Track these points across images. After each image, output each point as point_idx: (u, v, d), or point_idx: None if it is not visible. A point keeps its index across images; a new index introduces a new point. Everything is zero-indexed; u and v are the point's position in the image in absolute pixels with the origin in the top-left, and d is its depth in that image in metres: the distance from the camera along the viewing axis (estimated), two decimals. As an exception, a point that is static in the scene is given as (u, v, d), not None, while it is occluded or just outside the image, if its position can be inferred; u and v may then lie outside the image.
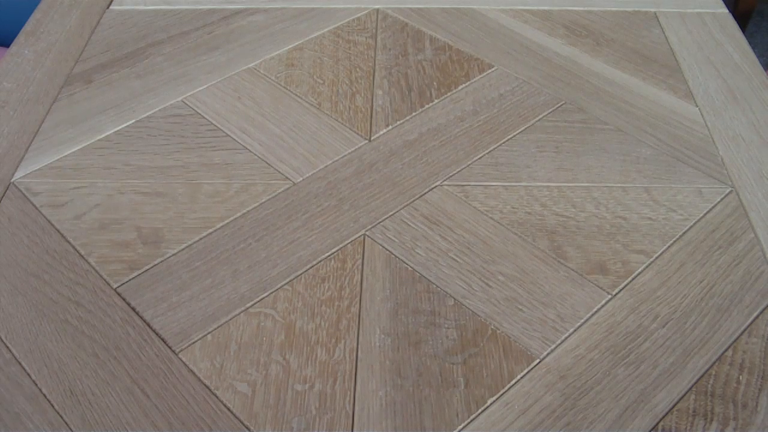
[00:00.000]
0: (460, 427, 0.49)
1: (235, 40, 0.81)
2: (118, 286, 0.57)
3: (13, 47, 0.81)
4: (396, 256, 0.59)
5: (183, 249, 0.60)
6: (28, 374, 0.52)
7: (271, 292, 0.57)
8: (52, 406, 0.50)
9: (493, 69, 0.77)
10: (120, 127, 0.71)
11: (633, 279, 0.57)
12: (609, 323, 0.55)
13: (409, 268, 0.58)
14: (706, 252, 0.59)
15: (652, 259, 0.59)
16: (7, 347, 0.53)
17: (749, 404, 0.50)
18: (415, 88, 0.75)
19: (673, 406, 0.50)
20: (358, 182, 0.65)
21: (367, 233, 0.61)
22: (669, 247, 0.60)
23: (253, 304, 0.56)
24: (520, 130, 0.70)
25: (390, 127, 0.70)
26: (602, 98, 0.74)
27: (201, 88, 0.75)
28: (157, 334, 0.54)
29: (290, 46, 0.80)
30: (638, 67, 0.77)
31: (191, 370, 0.52)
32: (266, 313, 0.55)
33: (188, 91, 0.75)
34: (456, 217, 0.62)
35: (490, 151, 0.68)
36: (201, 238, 0.60)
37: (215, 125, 0.71)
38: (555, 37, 0.81)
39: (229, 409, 0.50)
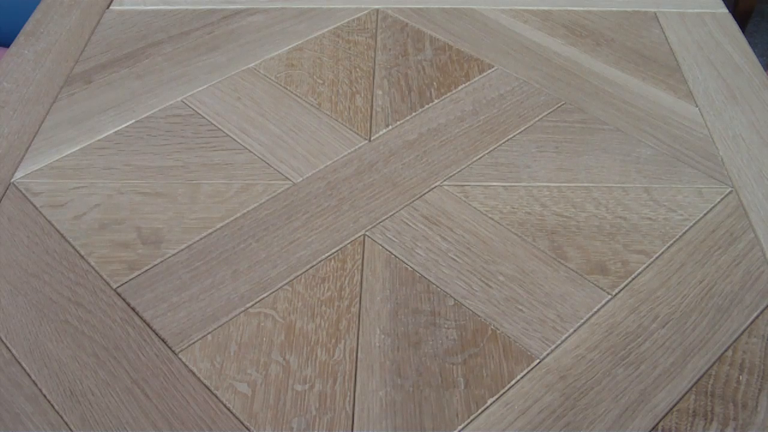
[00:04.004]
0: (460, 427, 0.49)
1: (235, 40, 0.81)
2: (118, 286, 0.57)
3: (13, 47, 0.81)
4: (396, 256, 0.59)
5: (183, 249, 0.60)
6: (28, 374, 0.52)
7: (271, 292, 0.57)
8: (52, 406, 0.50)
9: (493, 69, 0.77)
10: (120, 127, 0.71)
11: (633, 279, 0.57)
12: (609, 323, 0.55)
13: (409, 268, 0.58)
14: (706, 252, 0.59)
15: (652, 260, 0.59)
16: (7, 347, 0.53)
17: (749, 404, 0.50)
18: (415, 88, 0.75)
19: (673, 406, 0.50)
20: (358, 182, 0.65)
21: (367, 233, 0.61)
22: (669, 247, 0.60)
23: (253, 304, 0.56)
24: (520, 130, 0.70)
25: (390, 127, 0.70)
26: (602, 98, 0.74)
27: (201, 88, 0.75)
28: (157, 334, 0.54)
29: (290, 46, 0.80)
30: (638, 67, 0.77)
31: (191, 370, 0.52)
32: (266, 313, 0.55)
33: (188, 91, 0.75)
34: (456, 217, 0.62)
35: (490, 151, 0.68)
36: (201, 238, 0.60)
37: (215, 125, 0.71)
38: (555, 37, 0.81)
39: (229, 410, 0.50)
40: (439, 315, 0.55)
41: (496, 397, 0.50)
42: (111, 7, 0.87)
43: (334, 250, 0.59)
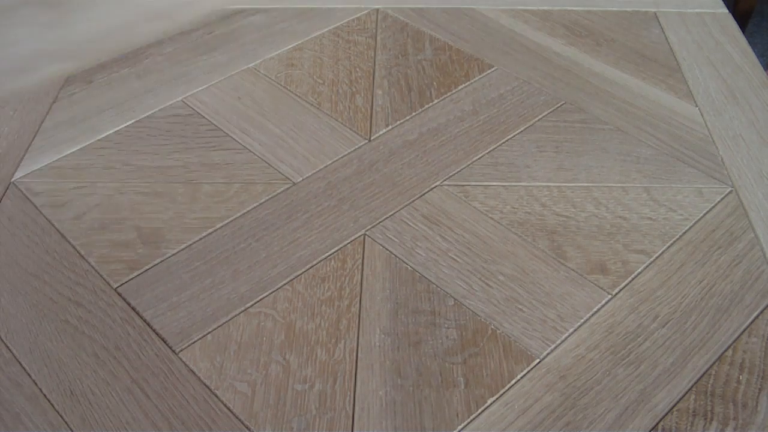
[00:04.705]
0: (460, 427, 0.49)
1: (235, 40, 0.81)
2: (118, 286, 0.57)
3: (13, 47, 0.81)
4: (396, 256, 0.59)
5: (183, 249, 0.60)
6: (28, 374, 0.52)
7: (271, 292, 0.57)
8: (52, 406, 0.50)
9: (493, 69, 0.77)
10: (120, 127, 0.71)
11: (633, 279, 0.57)
12: (609, 323, 0.55)
13: (409, 268, 0.58)
14: (706, 252, 0.59)
15: (652, 259, 0.59)
16: (7, 347, 0.53)
17: (749, 404, 0.50)
18: (415, 88, 0.75)
19: (673, 406, 0.50)
20: (358, 182, 0.65)
21: (367, 233, 0.61)
22: (669, 247, 0.60)
23: (253, 304, 0.56)
24: (520, 130, 0.70)
25: (390, 127, 0.70)
26: (602, 98, 0.74)
27: (201, 88, 0.75)
28: (157, 334, 0.54)
29: (290, 46, 0.80)
30: (638, 67, 0.77)
31: (191, 370, 0.52)
32: (266, 313, 0.55)
33: (188, 91, 0.75)
34: (456, 217, 0.62)
35: (490, 151, 0.68)
36: (201, 238, 0.60)
37: (215, 125, 0.71)
38: (555, 37, 0.81)
39: (229, 409, 0.50)
40: (439, 315, 0.55)
41: (496, 396, 0.50)
42: (111, 7, 0.87)
43: (334, 250, 0.59)
